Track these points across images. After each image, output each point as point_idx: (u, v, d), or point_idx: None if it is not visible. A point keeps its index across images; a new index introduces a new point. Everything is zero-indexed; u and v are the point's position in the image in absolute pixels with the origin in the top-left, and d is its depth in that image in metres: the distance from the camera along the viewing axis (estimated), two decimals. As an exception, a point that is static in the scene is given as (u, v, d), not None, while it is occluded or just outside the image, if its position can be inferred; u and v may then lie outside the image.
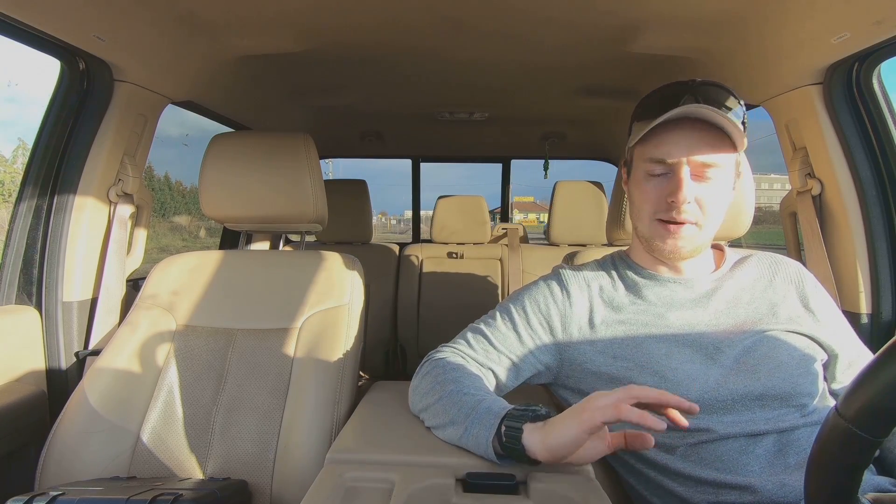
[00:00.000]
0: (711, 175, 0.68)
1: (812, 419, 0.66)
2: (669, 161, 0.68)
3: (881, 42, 0.86)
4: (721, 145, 0.67)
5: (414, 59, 1.31)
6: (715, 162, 0.67)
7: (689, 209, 0.68)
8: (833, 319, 0.74)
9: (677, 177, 0.68)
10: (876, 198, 1.01)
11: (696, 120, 0.66)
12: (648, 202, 0.72)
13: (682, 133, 0.67)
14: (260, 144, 1.06)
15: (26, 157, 1.07)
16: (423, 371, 0.75)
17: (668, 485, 0.67)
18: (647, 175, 0.71)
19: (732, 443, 0.65)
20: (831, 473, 0.40)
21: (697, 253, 0.73)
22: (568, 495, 0.55)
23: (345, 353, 0.93)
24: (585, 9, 1.00)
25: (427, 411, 0.69)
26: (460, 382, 0.68)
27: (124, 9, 0.90)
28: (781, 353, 0.68)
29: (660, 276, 0.76)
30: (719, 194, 0.69)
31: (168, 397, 0.91)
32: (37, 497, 0.61)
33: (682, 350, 0.70)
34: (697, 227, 0.69)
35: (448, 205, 2.26)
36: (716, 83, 0.70)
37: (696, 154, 0.67)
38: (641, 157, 0.73)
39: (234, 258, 1.07)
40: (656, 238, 0.72)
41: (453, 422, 0.63)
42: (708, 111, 0.64)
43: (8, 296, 1.05)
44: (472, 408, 0.62)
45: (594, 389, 0.73)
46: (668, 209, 0.69)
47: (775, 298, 0.73)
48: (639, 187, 0.74)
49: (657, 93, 0.73)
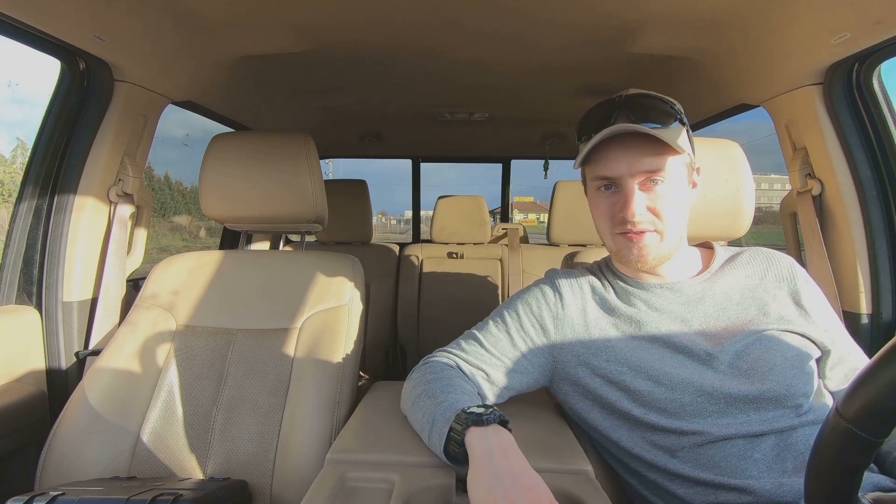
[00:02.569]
0: (660, 180, 0.68)
1: (809, 419, 0.66)
2: (613, 177, 0.69)
3: (881, 42, 0.86)
4: (663, 151, 0.68)
5: (414, 59, 1.31)
6: (659, 168, 0.68)
7: (643, 219, 0.68)
8: (824, 315, 0.74)
9: (624, 192, 0.69)
10: (876, 198, 1.01)
11: (633, 132, 0.67)
12: (603, 218, 0.73)
13: (621, 148, 0.68)
14: (260, 144, 1.06)
15: (26, 157, 1.07)
16: (410, 377, 0.77)
17: (668, 486, 0.68)
18: (597, 191, 0.73)
19: (730, 445, 0.65)
20: (831, 473, 0.40)
21: (667, 259, 0.73)
22: (568, 495, 0.55)
23: (345, 353, 0.93)
24: (585, 9, 1.00)
25: (409, 417, 0.72)
26: (431, 385, 0.69)
27: (124, 9, 0.90)
28: (775, 355, 0.68)
29: (644, 282, 0.76)
30: (672, 198, 0.69)
31: (168, 397, 0.91)
32: (37, 497, 0.61)
33: (674, 355, 0.70)
34: (658, 234, 0.70)
35: (448, 205, 2.26)
36: (645, 93, 0.71)
37: (637, 165, 0.67)
38: (590, 176, 0.74)
39: (234, 258, 1.07)
40: (621, 249, 0.72)
41: (422, 429, 0.66)
42: (635, 128, 0.65)
43: (8, 296, 1.05)
44: (431, 413, 0.64)
45: (589, 393, 0.74)
46: (622, 222, 0.70)
47: (766, 297, 0.73)
48: (594, 204, 0.75)
49: (590, 113, 0.73)
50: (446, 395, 0.66)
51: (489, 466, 0.52)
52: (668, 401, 0.67)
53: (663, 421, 0.68)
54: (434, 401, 0.66)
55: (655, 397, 0.68)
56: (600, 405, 0.73)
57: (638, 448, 0.70)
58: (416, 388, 0.71)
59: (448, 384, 0.69)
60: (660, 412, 0.68)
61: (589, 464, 0.62)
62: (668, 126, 0.69)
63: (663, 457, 0.68)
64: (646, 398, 0.69)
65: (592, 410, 0.75)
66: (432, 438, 0.62)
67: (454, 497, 0.56)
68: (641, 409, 0.69)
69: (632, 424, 0.71)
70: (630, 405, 0.70)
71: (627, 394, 0.70)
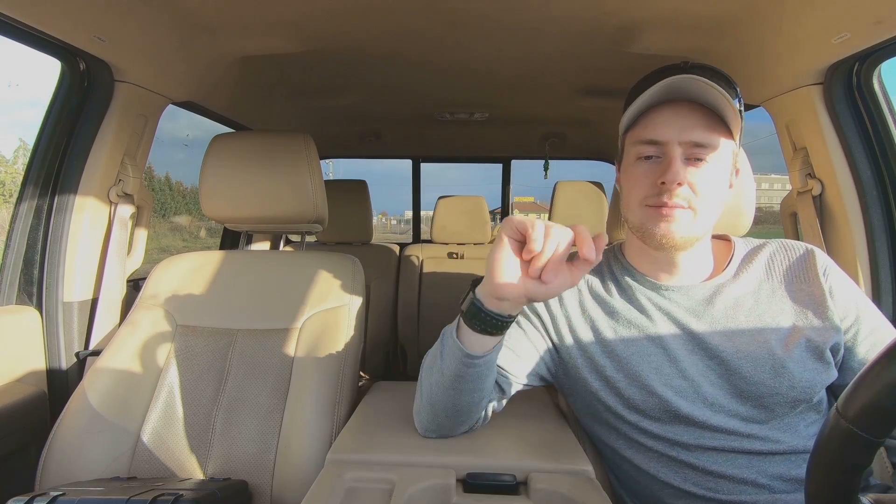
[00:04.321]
0: (706, 157, 0.63)
1: (815, 430, 0.65)
2: (660, 140, 0.64)
3: (881, 42, 0.86)
4: (715, 127, 0.63)
5: (414, 59, 1.31)
6: (709, 143, 0.63)
7: (681, 192, 0.62)
8: (847, 319, 0.67)
9: (668, 157, 0.63)
10: (876, 198, 1.01)
11: (689, 102, 0.63)
12: (638, 187, 0.66)
13: (673, 112, 0.63)
14: (260, 144, 1.06)
15: (27, 158, 1.07)
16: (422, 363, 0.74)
17: (660, 495, 0.67)
18: (638, 159, 0.67)
19: (730, 456, 0.64)
20: (832, 473, 0.40)
21: (691, 243, 0.67)
22: (568, 495, 0.55)
23: (345, 353, 0.93)
24: (586, 10, 1.00)
25: (422, 387, 0.69)
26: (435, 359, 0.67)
27: (125, 9, 0.90)
28: (780, 371, 0.64)
29: (654, 280, 0.72)
30: (715, 180, 0.64)
31: (168, 397, 0.91)
32: (37, 497, 0.61)
33: (671, 365, 0.67)
34: (692, 211, 0.64)
35: (448, 205, 2.26)
36: (711, 66, 0.66)
37: (688, 133, 0.62)
38: (632, 141, 0.68)
39: (234, 258, 1.07)
40: (647, 222, 0.65)
41: (432, 365, 0.65)
42: (698, 82, 0.59)
43: (8, 296, 1.05)
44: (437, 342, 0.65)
45: (588, 394, 0.72)
46: (658, 193, 0.64)
47: (782, 305, 0.68)
48: (628, 174, 0.69)
49: (650, 76, 0.68)
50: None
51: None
52: (660, 410, 0.66)
53: (655, 428, 0.67)
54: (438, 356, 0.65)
55: (649, 406, 0.66)
56: (597, 407, 0.72)
57: (632, 453, 0.70)
58: (424, 367, 0.69)
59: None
60: (652, 420, 0.67)
61: (589, 464, 0.62)
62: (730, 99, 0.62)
63: (656, 465, 0.68)
64: (639, 406, 0.67)
65: (590, 411, 0.74)
66: (446, 338, 0.62)
67: (454, 497, 0.56)
68: (636, 416, 0.68)
69: (627, 429, 0.70)
70: (624, 411, 0.69)
71: (622, 400, 0.69)
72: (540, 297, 0.54)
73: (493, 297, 0.56)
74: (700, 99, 0.62)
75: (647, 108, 0.65)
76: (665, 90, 0.62)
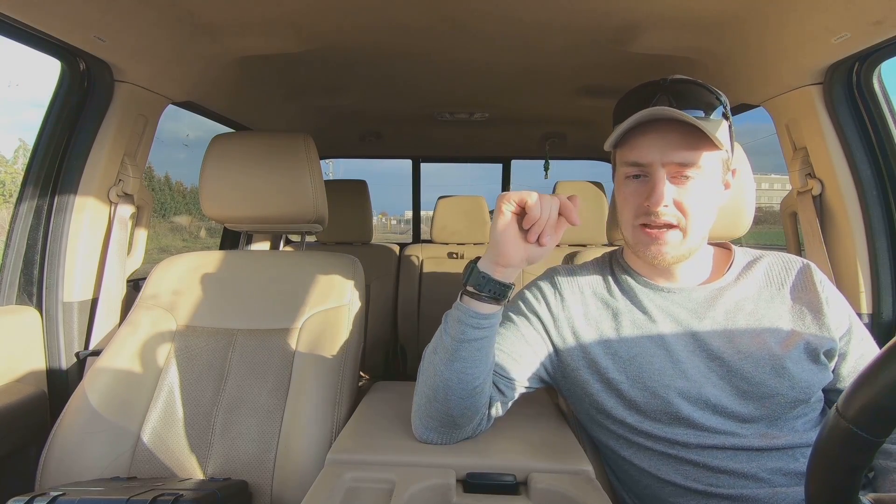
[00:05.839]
0: (691, 175, 0.65)
1: (812, 428, 0.66)
2: (644, 163, 0.66)
3: (881, 42, 0.86)
4: (699, 144, 0.64)
5: (414, 59, 1.31)
6: (692, 162, 0.64)
7: (667, 212, 0.65)
8: (841, 322, 0.70)
9: (653, 179, 0.65)
10: (876, 198, 1.01)
11: (672, 119, 0.63)
12: (628, 207, 0.70)
13: (656, 134, 0.65)
14: (260, 144, 1.06)
15: (27, 158, 1.07)
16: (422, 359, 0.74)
17: (661, 493, 0.68)
18: (626, 179, 0.70)
19: (729, 452, 0.64)
20: (832, 473, 0.40)
21: (685, 259, 0.69)
22: (568, 495, 0.55)
23: (345, 353, 0.93)
24: (586, 10, 1.00)
25: (422, 376, 0.69)
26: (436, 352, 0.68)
27: (125, 9, 0.90)
28: (781, 372, 0.65)
29: (655, 283, 0.74)
30: (701, 195, 0.66)
31: (168, 397, 0.91)
32: (37, 497, 0.61)
33: (675, 367, 0.67)
34: (680, 230, 0.66)
35: (448, 205, 2.26)
36: (690, 80, 0.67)
37: (670, 155, 0.64)
38: (620, 161, 0.70)
39: (234, 258, 1.07)
40: (639, 244, 0.69)
41: (434, 349, 0.67)
42: (674, 112, 0.61)
43: (8, 296, 1.05)
44: (439, 337, 0.67)
45: (588, 395, 0.72)
46: (646, 213, 0.66)
47: (780, 310, 0.69)
48: (619, 191, 0.72)
49: (632, 93, 0.70)
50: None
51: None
52: (662, 411, 0.66)
53: (656, 429, 0.67)
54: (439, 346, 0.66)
55: (652, 407, 0.67)
56: (597, 408, 0.72)
57: (632, 453, 0.70)
58: (423, 363, 0.69)
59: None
60: (653, 421, 0.67)
61: (589, 464, 0.62)
62: (709, 117, 0.65)
63: (656, 463, 0.68)
64: (641, 408, 0.67)
65: (589, 412, 0.74)
66: (448, 316, 0.66)
67: (454, 497, 0.56)
68: (637, 417, 0.68)
69: (627, 430, 0.70)
70: (625, 412, 0.69)
71: (623, 401, 0.69)
72: (537, 258, 0.62)
73: (498, 265, 0.62)
74: (680, 119, 0.63)
75: (633, 128, 0.67)
76: (645, 115, 0.64)
